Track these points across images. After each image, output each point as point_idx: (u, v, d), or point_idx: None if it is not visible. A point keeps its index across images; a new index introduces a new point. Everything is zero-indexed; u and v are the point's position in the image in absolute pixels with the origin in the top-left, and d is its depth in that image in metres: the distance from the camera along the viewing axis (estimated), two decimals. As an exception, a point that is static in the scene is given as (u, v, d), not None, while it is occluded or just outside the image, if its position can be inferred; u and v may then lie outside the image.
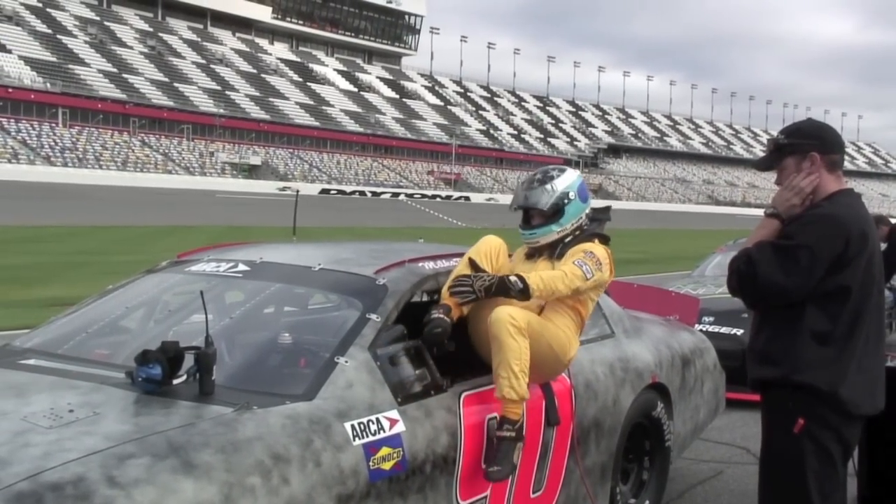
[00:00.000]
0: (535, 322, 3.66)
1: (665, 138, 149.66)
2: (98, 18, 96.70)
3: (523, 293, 3.55)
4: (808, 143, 3.04)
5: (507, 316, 3.49)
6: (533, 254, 3.97)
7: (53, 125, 78.38)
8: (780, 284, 2.89)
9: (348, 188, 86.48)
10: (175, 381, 2.94)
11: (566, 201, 3.88)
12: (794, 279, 2.88)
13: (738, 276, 3.00)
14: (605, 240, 3.99)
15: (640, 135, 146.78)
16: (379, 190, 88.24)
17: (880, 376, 3.06)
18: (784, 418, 2.95)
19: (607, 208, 4.27)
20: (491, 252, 3.88)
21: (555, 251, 3.88)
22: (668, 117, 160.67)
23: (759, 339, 3.05)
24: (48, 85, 79.46)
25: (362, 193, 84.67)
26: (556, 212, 3.87)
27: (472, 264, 3.74)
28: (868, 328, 2.96)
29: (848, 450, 3.02)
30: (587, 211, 3.97)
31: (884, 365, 3.09)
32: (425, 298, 4.59)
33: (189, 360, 2.97)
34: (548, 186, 3.88)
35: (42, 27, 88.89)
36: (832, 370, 2.90)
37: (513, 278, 3.57)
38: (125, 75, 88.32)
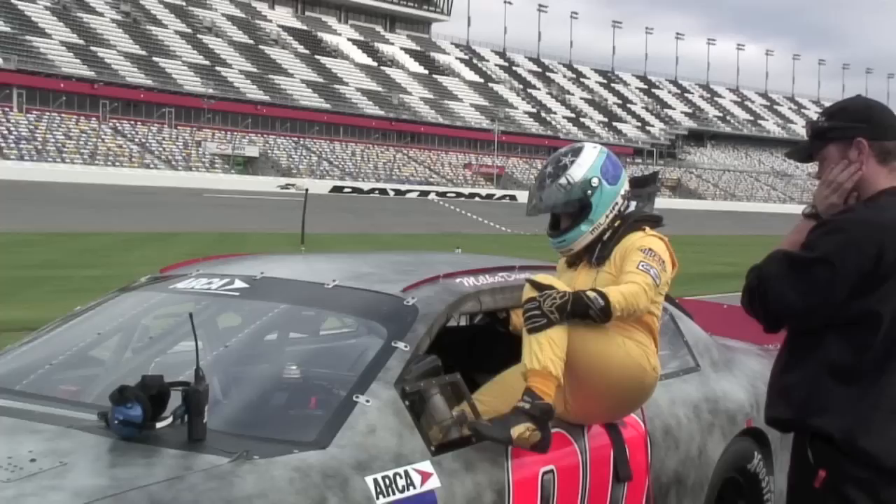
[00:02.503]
0: (587, 337, 3.63)
1: (760, 122, 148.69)
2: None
3: (604, 312, 3.55)
4: (853, 126, 2.94)
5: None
6: (574, 261, 3.97)
7: (7, 109, 79.64)
8: (794, 306, 2.83)
9: (366, 185, 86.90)
10: (159, 425, 2.96)
11: (590, 191, 3.83)
12: (811, 300, 2.81)
13: (748, 294, 2.96)
14: (654, 222, 3.94)
15: (728, 117, 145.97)
16: (404, 188, 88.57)
17: None
18: (804, 469, 2.90)
19: (653, 176, 4.18)
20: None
21: (593, 254, 3.86)
22: (764, 96, 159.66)
23: (776, 370, 3.01)
24: (1, 61, 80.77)
25: (383, 192, 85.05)
26: (583, 207, 3.85)
27: (536, 285, 3.65)
28: None
29: None
30: (622, 192, 3.92)
31: None
32: (464, 322, 4.59)
33: (176, 399, 3.00)
34: (562, 180, 3.84)
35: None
36: (853, 414, 2.80)
37: (591, 294, 3.56)
38: (93, 48, 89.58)
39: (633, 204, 3.98)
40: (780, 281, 2.86)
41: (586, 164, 3.86)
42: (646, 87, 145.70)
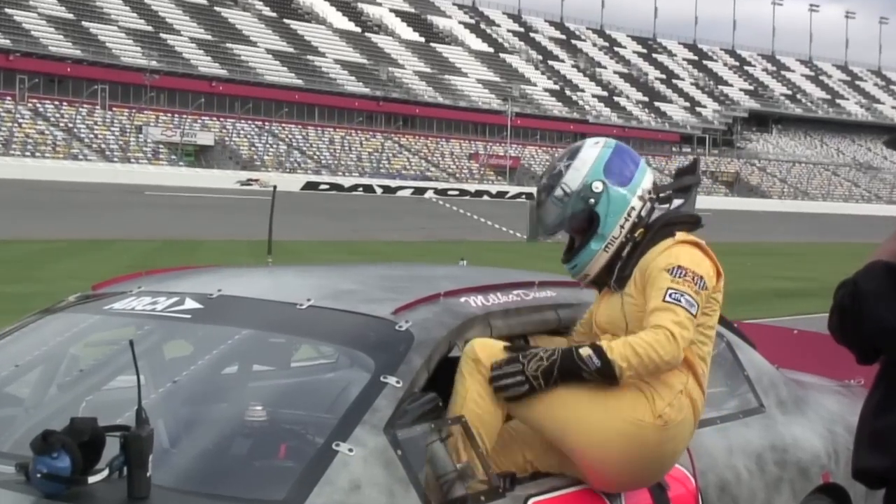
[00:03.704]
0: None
1: (838, 101, 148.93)
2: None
3: (604, 374, 3.51)
4: None
5: (470, 349, 3.61)
6: (601, 288, 3.95)
7: None
8: (894, 327, 2.86)
9: (347, 181, 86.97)
10: (91, 479, 2.96)
11: (592, 200, 3.81)
12: None
13: (839, 315, 2.97)
14: (689, 225, 3.90)
15: (799, 95, 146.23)
16: (395, 184, 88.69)
17: None
18: None
19: (692, 165, 4.12)
20: None
21: (612, 276, 3.84)
22: (843, 68, 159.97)
23: (867, 411, 3.02)
24: None
25: (369, 189, 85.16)
26: (591, 221, 3.83)
27: (513, 348, 3.68)
28: None
29: None
30: (639, 192, 3.88)
31: None
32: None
33: (112, 447, 3.00)
34: (557, 192, 3.83)
35: None
36: None
37: (585, 351, 3.53)
38: (9, 11, 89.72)
39: (657, 206, 3.97)
40: (881, 299, 2.86)
41: (585, 166, 3.85)
42: (696, 58, 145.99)
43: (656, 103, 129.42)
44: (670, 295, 3.61)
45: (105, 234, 42.62)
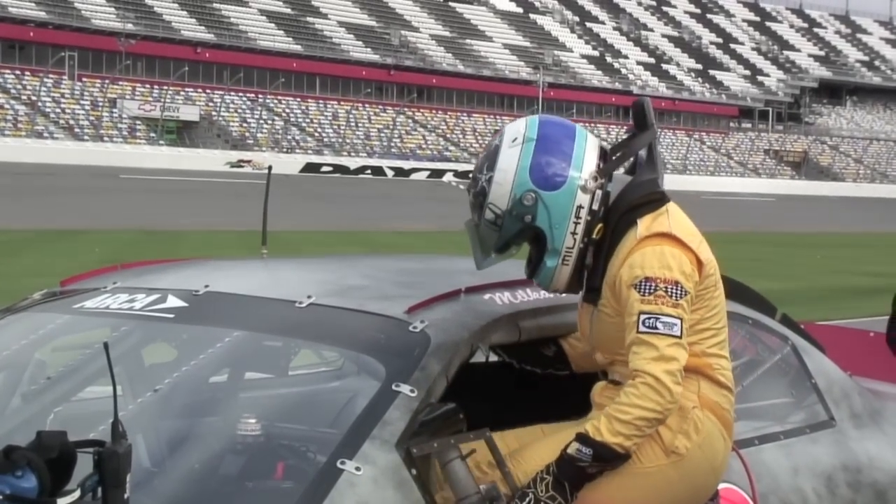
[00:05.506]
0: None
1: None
2: None
3: (603, 457, 3.48)
4: None
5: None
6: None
7: None
8: None
9: (353, 162, 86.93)
10: (60, 501, 2.98)
11: (529, 217, 3.67)
12: None
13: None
14: (654, 203, 3.72)
15: (877, 62, 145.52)
16: (408, 166, 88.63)
17: None
18: None
19: (640, 113, 3.82)
20: None
21: (581, 284, 3.78)
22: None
23: None
24: None
25: (378, 171, 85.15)
26: (536, 236, 3.73)
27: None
28: None
29: None
30: (583, 181, 3.68)
31: None
32: (495, 357, 4.60)
33: (85, 465, 3.02)
34: (488, 215, 3.72)
35: None
36: None
37: (573, 448, 3.50)
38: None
39: (607, 190, 3.74)
40: None
41: (507, 178, 3.68)
42: (758, 19, 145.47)
43: (711, 72, 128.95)
44: (644, 322, 3.53)
45: (74, 223, 42.68)
